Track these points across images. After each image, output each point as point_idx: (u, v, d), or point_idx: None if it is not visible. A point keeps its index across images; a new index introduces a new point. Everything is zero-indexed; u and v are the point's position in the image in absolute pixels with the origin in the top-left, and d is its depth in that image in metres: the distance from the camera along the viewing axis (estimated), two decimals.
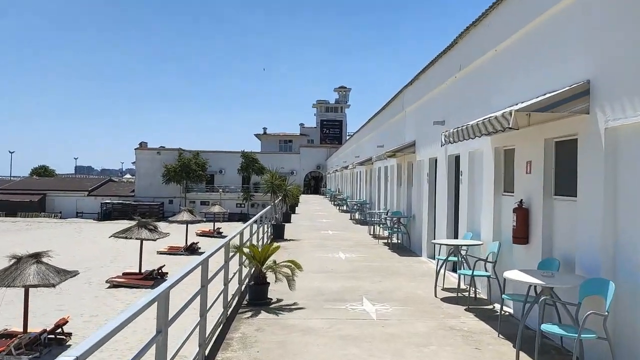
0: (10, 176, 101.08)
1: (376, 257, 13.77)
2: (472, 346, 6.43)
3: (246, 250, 8.86)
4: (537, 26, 7.24)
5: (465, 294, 8.84)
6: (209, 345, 6.22)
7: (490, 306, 8.49)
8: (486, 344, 6.50)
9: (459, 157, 10.98)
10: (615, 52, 5.47)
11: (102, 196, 68.97)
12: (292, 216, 25.60)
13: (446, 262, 9.55)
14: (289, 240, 17.10)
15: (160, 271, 28.09)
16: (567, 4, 6.43)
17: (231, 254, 7.94)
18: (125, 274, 27.65)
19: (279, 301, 8.58)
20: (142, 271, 27.61)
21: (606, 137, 5.54)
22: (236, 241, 8.62)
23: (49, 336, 16.88)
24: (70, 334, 17.54)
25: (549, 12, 6.85)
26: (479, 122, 7.04)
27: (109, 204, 67.21)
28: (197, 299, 5.41)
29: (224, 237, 14.13)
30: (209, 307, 6.02)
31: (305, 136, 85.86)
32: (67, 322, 17.87)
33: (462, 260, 9.18)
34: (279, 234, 17.60)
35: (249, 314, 7.84)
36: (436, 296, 9.11)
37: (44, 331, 16.79)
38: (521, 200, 7.50)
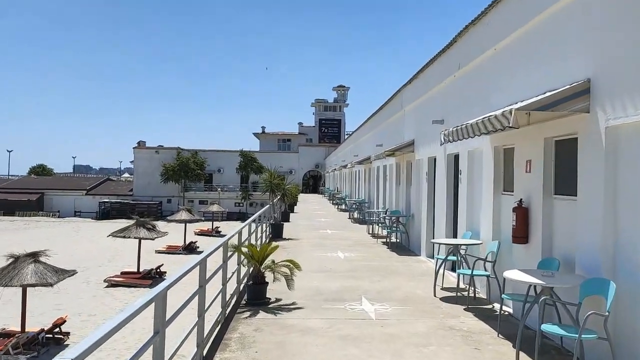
0: (8, 175, 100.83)
1: (375, 257, 13.75)
2: (471, 346, 6.41)
3: (245, 249, 8.83)
4: (537, 25, 7.21)
5: (464, 294, 8.82)
6: (207, 345, 6.19)
7: (489, 306, 8.47)
8: (486, 344, 6.48)
9: (458, 156, 10.95)
10: (615, 51, 5.44)
11: (100, 195, 68.92)
12: (291, 215, 25.58)
13: (445, 261, 9.54)
14: (288, 239, 17.06)
15: (158, 270, 28.04)
16: (567, 2, 6.40)
17: (229, 254, 7.90)
18: (123, 273, 27.60)
19: (277, 301, 8.55)
20: (141, 270, 27.56)
21: (607, 136, 5.51)
22: (234, 240, 8.58)
23: (47, 336, 16.84)
24: (68, 334, 17.50)
25: (548, 10, 6.82)
26: (479, 121, 7.01)
27: (107, 203, 67.11)
28: (195, 299, 5.37)
29: (223, 236, 14.10)
30: (207, 307, 5.98)
31: (303, 135, 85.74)
32: (65, 321, 17.81)
33: (461, 259, 9.16)
34: (277, 233, 17.55)
35: (248, 314, 7.81)
36: (435, 296, 9.09)
37: (42, 330, 16.75)
38: (521, 199, 7.47)
